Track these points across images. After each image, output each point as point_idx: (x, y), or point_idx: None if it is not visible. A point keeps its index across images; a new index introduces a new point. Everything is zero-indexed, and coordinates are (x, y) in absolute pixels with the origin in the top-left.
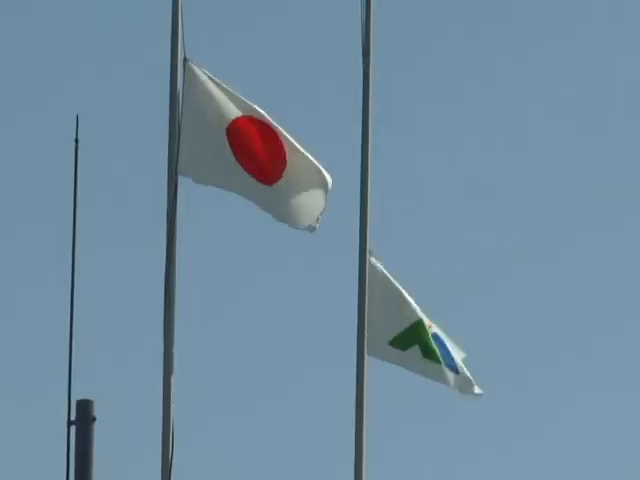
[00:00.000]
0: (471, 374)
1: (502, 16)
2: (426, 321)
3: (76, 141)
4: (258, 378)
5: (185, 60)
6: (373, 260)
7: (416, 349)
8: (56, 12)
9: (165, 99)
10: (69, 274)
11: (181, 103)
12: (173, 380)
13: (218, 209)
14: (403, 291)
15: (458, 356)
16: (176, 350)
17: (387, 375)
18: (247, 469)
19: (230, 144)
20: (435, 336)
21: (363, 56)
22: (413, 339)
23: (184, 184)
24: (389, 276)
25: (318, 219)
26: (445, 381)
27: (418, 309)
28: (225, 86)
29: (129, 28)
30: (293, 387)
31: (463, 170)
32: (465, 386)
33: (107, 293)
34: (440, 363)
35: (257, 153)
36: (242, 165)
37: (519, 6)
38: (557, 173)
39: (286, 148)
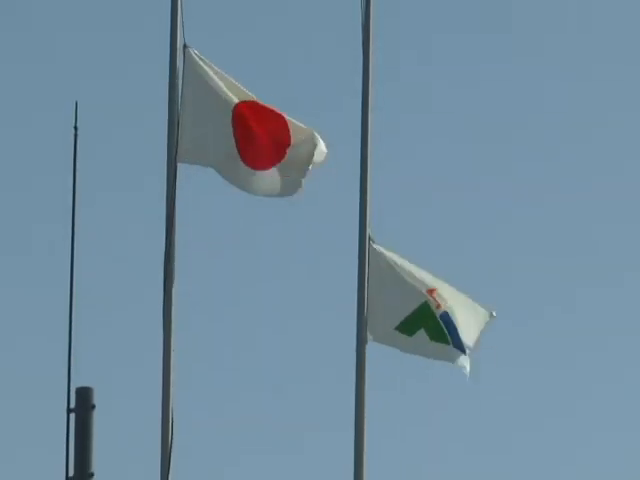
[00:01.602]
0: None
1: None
2: (434, 302)
3: (75, 128)
4: (257, 368)
5: (185, 46)
6: (375, 246)
7: (422, 333)
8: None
9: (165, 86)
10: (68, 261)
11: (181, 90)
12: (172, 368)
13: (217, 195)
14: (411, 269)
15: (468, 336)
16: (175, 339)
17: (385, 369)
18: (246, 457)
19: (234, 127)
20: (444, 316)
21: (363, 40)
22: (419, 323)
23: (184, 171)
24: (393, 259)
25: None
26: (453, 361)
27: (428, 283)
28: (225, 75)
29: (129, 15)
30: (294, 378)
31: (463, 158)
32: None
33: (107, 281)
34: (449, 344)
35: (258, 138)
36: (239, 152)
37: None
38: (555, 147)
39: (290, 127)
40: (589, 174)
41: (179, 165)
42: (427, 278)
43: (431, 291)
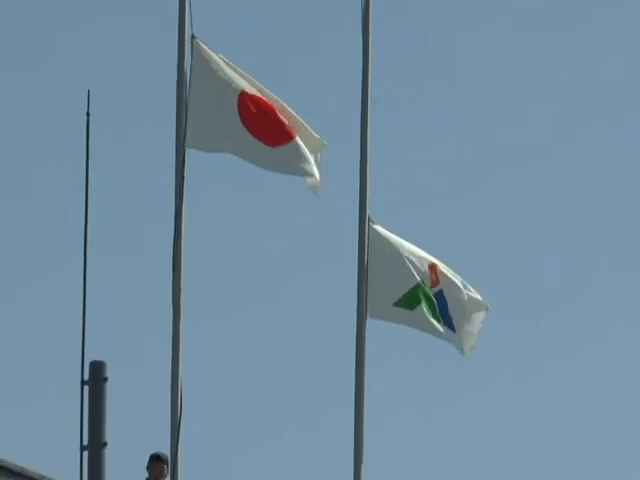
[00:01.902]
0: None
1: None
2: (430, 280)
3: (88, 114)
4: (260, 353)
5: (193, 37)
6: (375, 226)
7: (421, 308)
8: None
9: (173, 75)
10: (82, 241)
11: (189, 79)
12: (181, 344)
13: (223, 179)
14: (410, 248)
15: (460, 317)
16: (184, 316)
17: (385, 351)
18: (251, 426)
19: (239, 112)
20: (438, 295)
21: (363, 29)
22: (419, 298)
23: (191, 156)
24: (391, 239)
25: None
26: (446, 339)
27: (429, 259)
28: (233, 65)
29: (138, 6)
30: (294, 366)
31: (463, 147)
32: (459, 343)
33: (119, 260)
34: (440, 322)
35: (266, 121)
36: (249, 130)
37: None
38: (554, 129)
39: (289, 124)
40: (589, 173)
41: (187, 150)
42: (426, 255)
43: (432, 266)
